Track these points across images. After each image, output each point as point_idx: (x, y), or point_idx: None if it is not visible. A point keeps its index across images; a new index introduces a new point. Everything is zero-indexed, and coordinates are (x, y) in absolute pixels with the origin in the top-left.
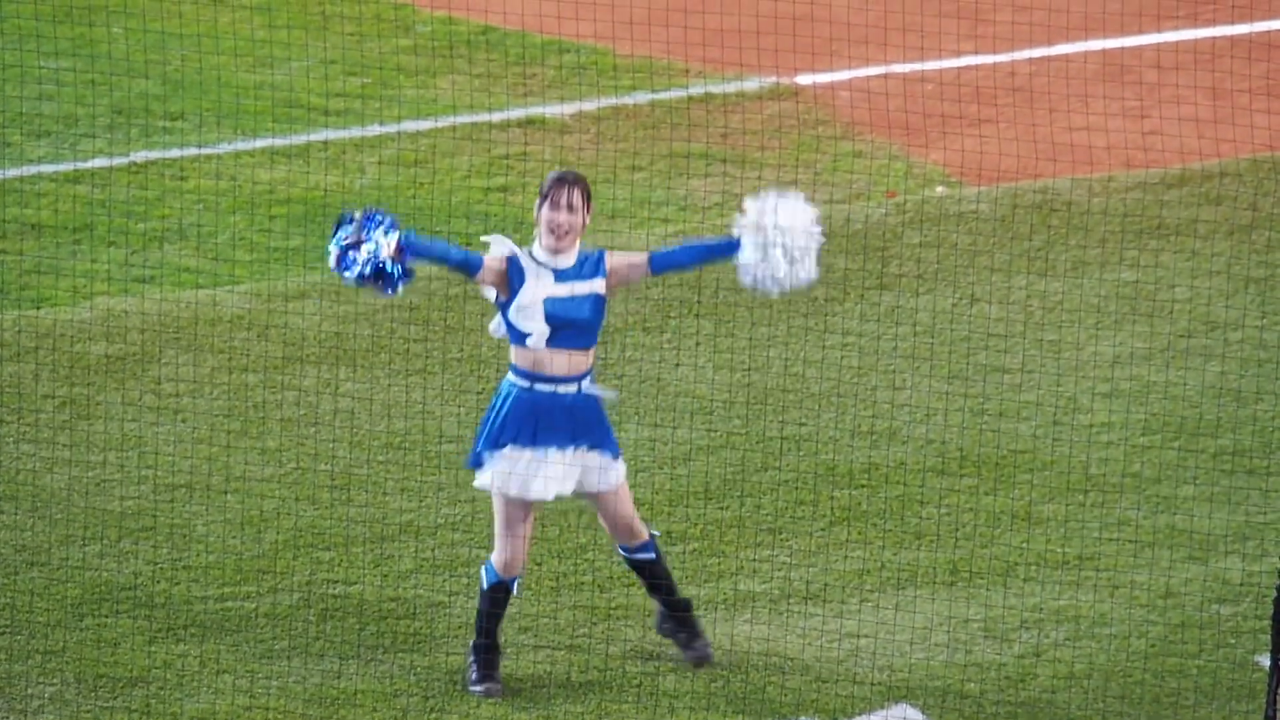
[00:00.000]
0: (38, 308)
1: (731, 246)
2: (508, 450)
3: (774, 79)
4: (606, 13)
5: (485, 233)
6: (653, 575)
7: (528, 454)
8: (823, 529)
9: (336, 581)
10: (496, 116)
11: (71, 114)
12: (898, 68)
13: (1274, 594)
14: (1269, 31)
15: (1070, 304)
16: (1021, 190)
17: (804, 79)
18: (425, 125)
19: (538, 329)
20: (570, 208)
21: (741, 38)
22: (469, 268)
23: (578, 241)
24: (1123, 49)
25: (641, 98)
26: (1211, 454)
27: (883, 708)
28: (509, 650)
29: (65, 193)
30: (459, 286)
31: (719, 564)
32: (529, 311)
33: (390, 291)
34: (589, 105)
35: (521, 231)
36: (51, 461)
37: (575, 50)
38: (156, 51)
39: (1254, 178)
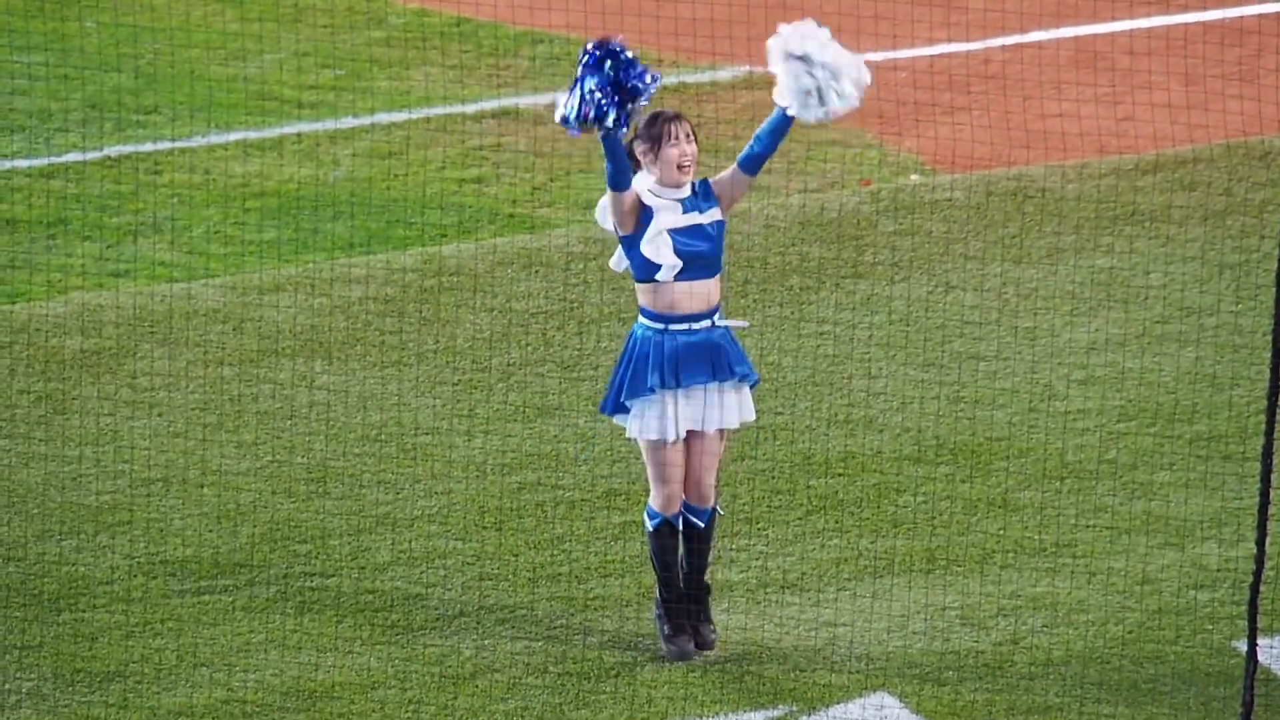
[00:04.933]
0: (13, 303)
1: (785, 117)
2: (656, 396)
3: (747, 68)
4: (580, 3)
5: (460, 224)
6: (698, 542)
7: (675, 395)
8: (800, 518)
9: (313, 574)
10: (470, 108)
11: (45, 109)
12: (871, 56)
13: (1251, 579)
14: (1241, 17)
15: (1045, 291)
16: (996, 178)
17: None
18: (399, 117)
19: (668, 261)
20: (690, 138)
21: (715, 27)
22: (622, 180)
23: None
24: (1096, 35)
25: None
26: (1188, 440)
27: (860, 696)
28: (488, 642)
29: (39, 188)
30: (434, 278)
31: None
32: (658, 243)
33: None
34: (564, 96)
35: (497, 224)
36: (27, 456)
37: (549, 41)
38: (129, 45)
39: (1228, 163)
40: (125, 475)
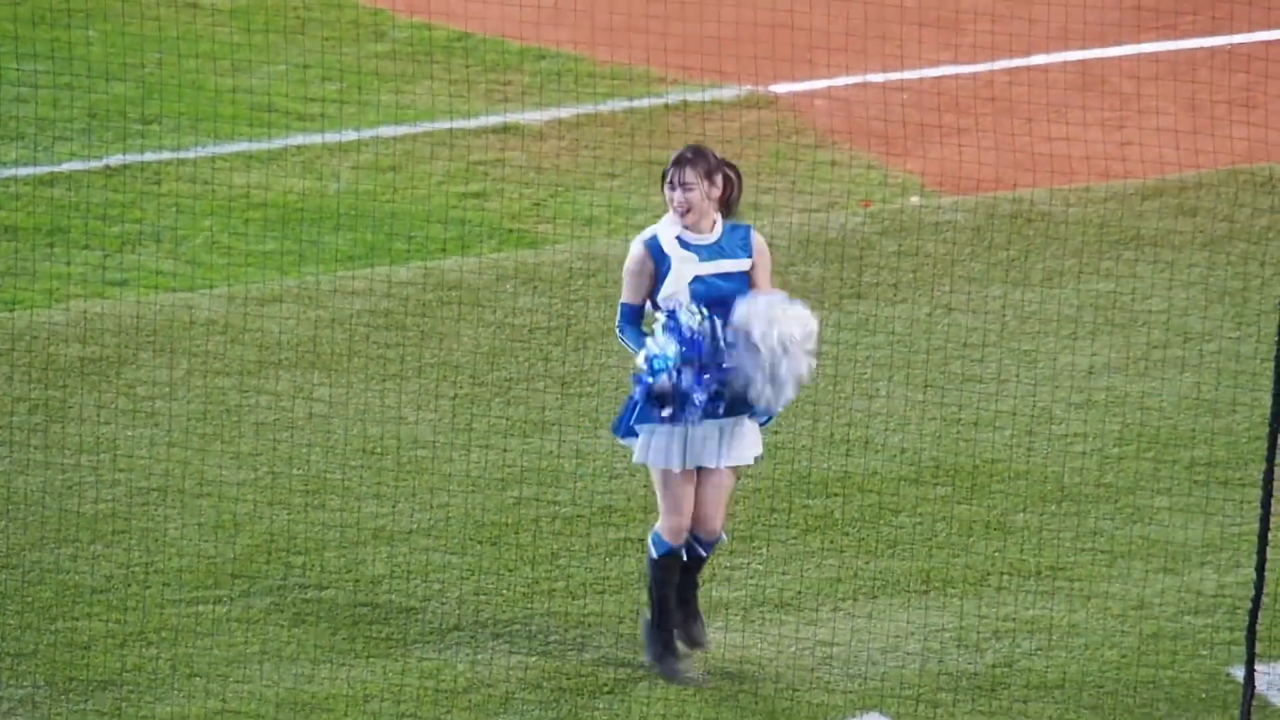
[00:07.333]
0: (11, 310)
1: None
2: (663, 425)
3: (750, 87)
4: (583, 19)
5: (459, 238)
6: (696, 562)
7: (685, 425)
8: (795, 537)
9: (308, 586)
10: (472, 123)
11: (46, 117)
12: (874, 77)
13: (1248, 605)
14: (1246, 43)
15: (1045, 314)
16: (997, 200)
17: (780, 87)
18: (400, 131)
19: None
20: (685, 186)
21: (719, 45)
22: (635, 331)
23: (713, 214)
24: (1100, 60)
25: (617, 105)
26: (1185, 465)
27: (854, 716)
28: (482, 657)
29: (39, 195)
30: (433, 292)
31: None
32: (677, 295)
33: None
34: (565, 112)
35: (496, 239)
36: (23, 464)
37: (551, 57)
38: (131, 55)
39: (1230, 189)
40: (121, 484)
